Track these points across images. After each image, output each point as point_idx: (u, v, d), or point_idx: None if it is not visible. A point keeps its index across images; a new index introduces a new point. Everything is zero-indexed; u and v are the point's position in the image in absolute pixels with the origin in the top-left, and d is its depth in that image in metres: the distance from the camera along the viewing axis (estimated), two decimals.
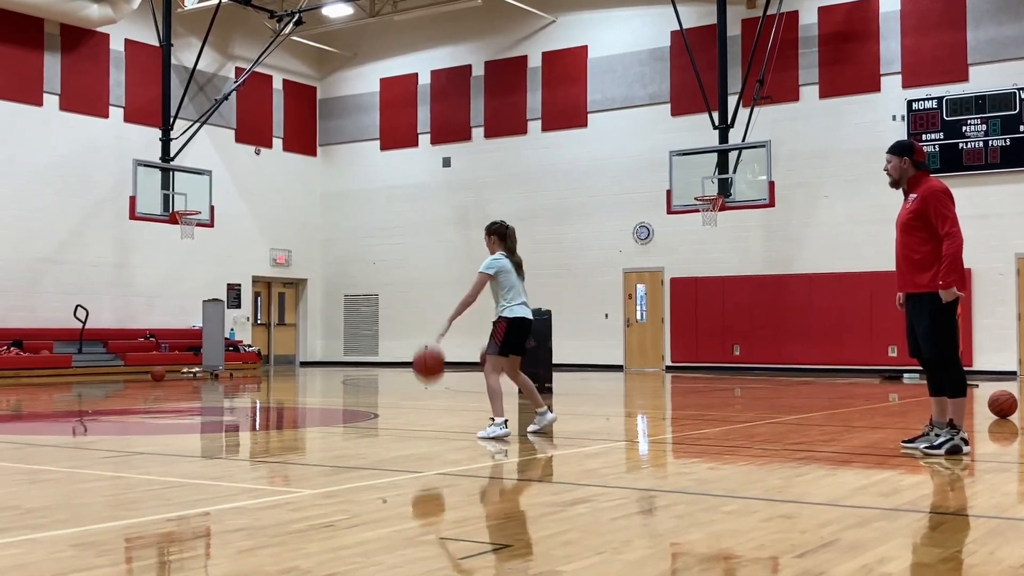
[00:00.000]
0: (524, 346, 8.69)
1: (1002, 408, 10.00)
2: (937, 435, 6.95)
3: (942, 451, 6.83)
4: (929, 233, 6.92)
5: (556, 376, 15.60)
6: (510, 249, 8.64)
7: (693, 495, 5.39)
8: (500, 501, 5.27)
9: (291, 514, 4.83)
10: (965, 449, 6.88)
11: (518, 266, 8.58)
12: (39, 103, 22.26)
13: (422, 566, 3.65)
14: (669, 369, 23.37)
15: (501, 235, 8.66)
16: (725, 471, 6.54)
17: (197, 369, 21.66)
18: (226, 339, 22.78)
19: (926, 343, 6.91)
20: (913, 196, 7.05)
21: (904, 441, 7.32)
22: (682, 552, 3.96)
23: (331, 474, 6.32)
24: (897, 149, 7.13)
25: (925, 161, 7.21)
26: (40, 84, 22.28)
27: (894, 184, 7.21)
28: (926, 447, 6.95)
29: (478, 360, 8.91)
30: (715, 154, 20.30)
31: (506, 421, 8.46)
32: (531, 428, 8.76)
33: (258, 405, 13.99)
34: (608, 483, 5.90)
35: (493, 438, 8.26)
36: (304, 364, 28.19)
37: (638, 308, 24.11)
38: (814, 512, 4.87)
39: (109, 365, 21.80)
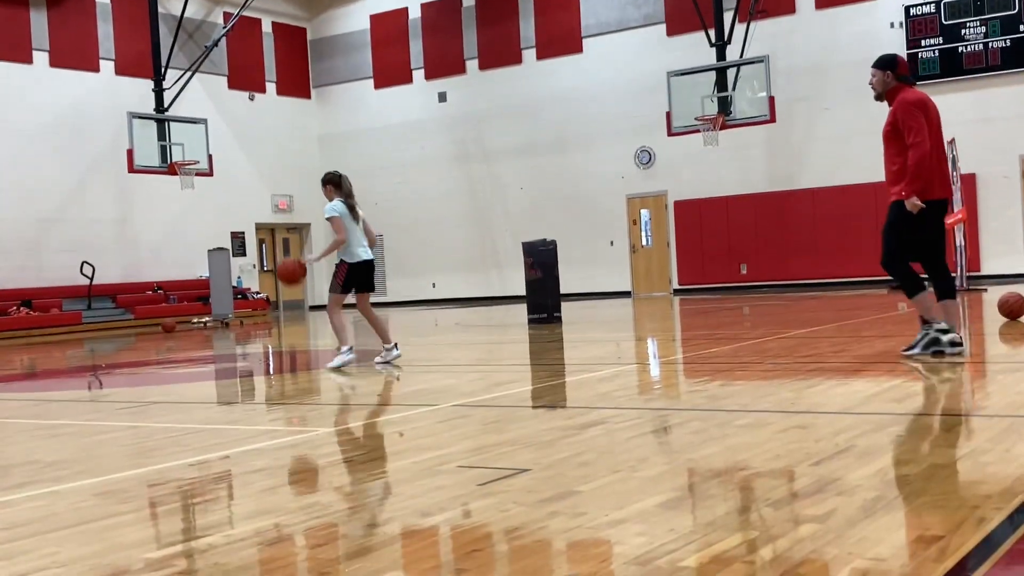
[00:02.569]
0: (371, 284, 9.40)
1: (1012, 309, 10.01)
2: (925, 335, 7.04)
3: (917, 349, 7.00)
4: (903, 144, 7.04)
5: (564, 305, 15.63)
6: (347, 194, 9.24)
7: (707, 411, 5.42)
8: (515, 428, 5.30)
9: (309, 452, 4.87)
10: (944, 339, 6.94)
11: (353, 210, 9.20)
12: (28, 60, 22.06)
13: (443, 494, 3.69)
14: (677, 292, 23.40)
15: (336, 184, 9.28)
16: (737, 387, 6.57)
17: (207, 319, 21.75)
18: (234, 287, 22.85)
19: (882, 245, 7.16)
20: (890, 109, 7.20)
21: (903, 350, 7.30)
22: (698, 467, 3.98)
23: (348, 412, 6.36)
24: (880, 63, 7.25)
25: (907, 74, 7.33)
26: (28, 41, 22.06)
27: (878, 97, 7.33)
28: (904, 350, 7.14)
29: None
30: (713, 73, 20.10)
31: (351, 348, 9.17)
32: (377, 360, 9.33)
33: (270, 350, 14.06)
34: (621, 405, 5.93)
35: (340, 366, 9.00)
36: (313, 308, 28.27)
37: (643, 233, 24.07)
38: (828, 421, 4.90)
39: (119, 319, 21.89)
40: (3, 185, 21.36)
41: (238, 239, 26.09)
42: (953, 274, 17.47)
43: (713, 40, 20.19)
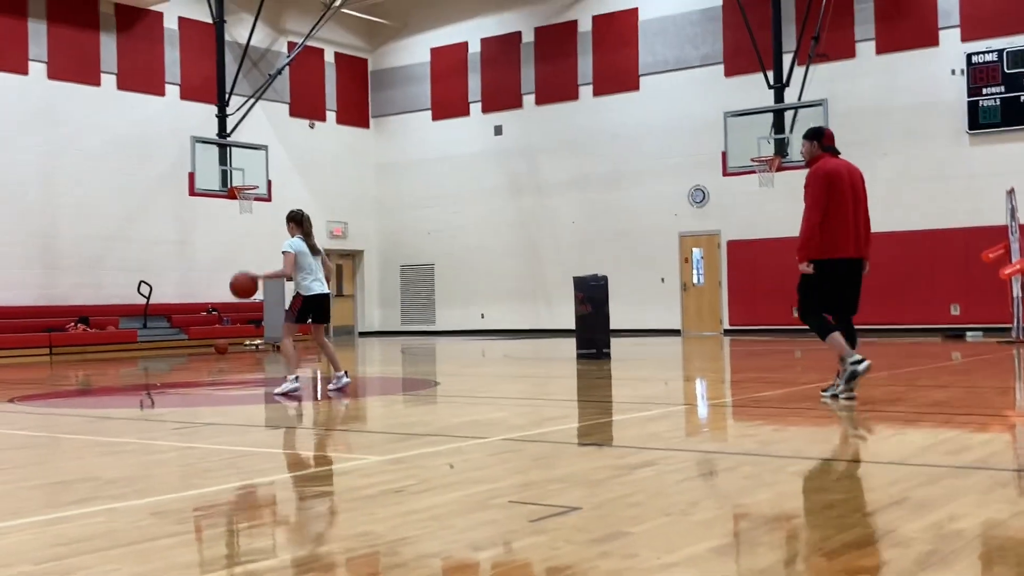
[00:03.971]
0: (326, 316, 10.15)
1: None
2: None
3: (842, 385, 7.72)
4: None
5: (613, 341, 15.61)
6: (307, 233, 10.01)
7: (758, 456, 5.39)
8: (565, 465, 5.32)
9: (361, 480, 4.92)
10: (860, 368, 7.63)
11: (313, 248, 9.97)
12: (97, 83, 22.59)
13: (494, 529, 3.71)
14: (727, 332, 23.26)
15: (298, 221, 10.06)
16: (789, 432, 6.53)
17: (259, 341, 22.01)
18: (286, 311, 23.06)
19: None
20: None
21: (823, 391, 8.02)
22: (750, 513, 3.98)
23: (398, 440, 6.42)
24: (808, 134, 8.12)
25: (832, 145, 8.05)
26: (97, 64, 22.61)
27: (806, 165, 8.09)
28: (826, 392, 7.89)
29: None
30: (771, 114, 20.06)
31: (297, 377, 9.80)
32: (330, 387, 10.06)
33: (318, 375, 14.19)
34: (671, 446, 5.92)
35: (286, 392, 9.58)
36: (363, 334, 28.48)
37: (695, 272, 23.99)
38: (881, 471, 4.86)
39: (173, 339, 22.21)
40: (66, 203, 21.84)
41: None
42: (1009, 325, 17.25)
43: (771, 82, 20.17)
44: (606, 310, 14.92)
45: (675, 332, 23.84)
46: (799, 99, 19.91)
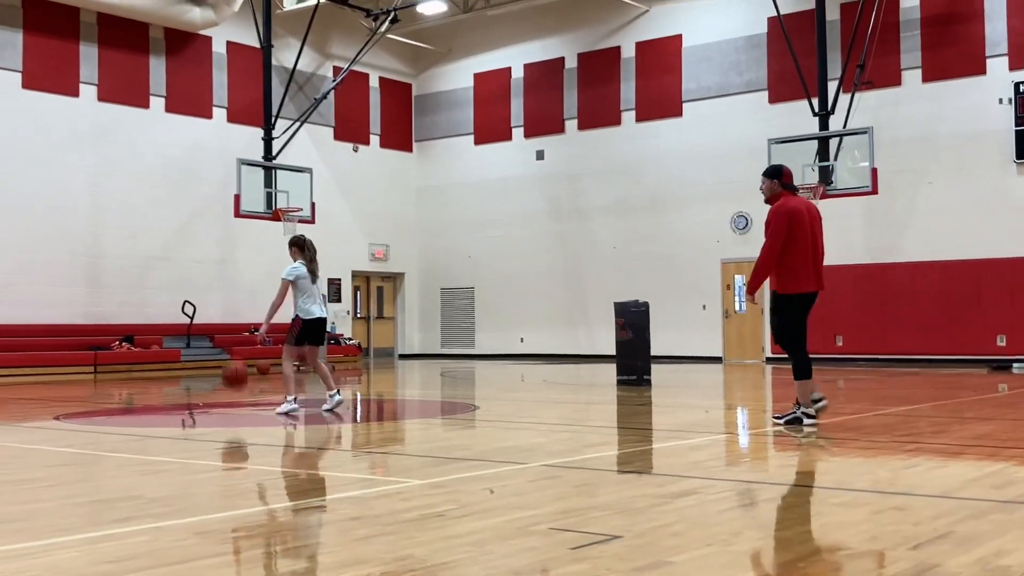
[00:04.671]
0: (321, 339, 10.57)
1: None
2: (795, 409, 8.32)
3: (782, 422, 8.26)
4: None
5: (654, 367, 15.54)
6: (309, 258, 10.28)
7: (801, 487, 5.35)
8: (606, 493, 5.30)
9: (402, 503, 4.94)
10: (806, 422, 8.18)
11: (314, 273, 10.31)
12: (146, 105, 22.96)
13: (534, 556, 3.71)
14: (769, 360, 23.08)
15: (300, 247, 10.37)
16: (833, 463, 6.46)
17: (300, 363, 22.11)
18: (328, 332, 23.22)
19: (773, 333, 8.49)
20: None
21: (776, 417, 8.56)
22: (793, 544, 3.94)
23: (438, 464, 6.43)
24: (767, 173, 8.54)
25: (791, 183, 8.54)
26: (147, 87, 22.98)
27: (767, 202, 8.48)
28: (775, 417, 8.53)
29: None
30: (815, 141, 19.95)
31: (295, 399, 10.11)
32: (324, 407, 10.30)
33: (359, 397, 14.25)
34: (713, 475, 5.89)
35: (285, 413, 9.90)
36: (403, 356, 28.57)
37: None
38: (926, 504, 4.80)
39: (216, 359, 22.38)
40: (113, 223, 22.15)
41: (334, 285, 26.58)
42: None
43: (816, 109, 20.07)
44: (647, 336, 14.87)
45: (716, 360, 23.69)
46: (844, 126, 19.78)
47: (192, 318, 22.44)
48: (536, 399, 13.01)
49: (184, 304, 22.43)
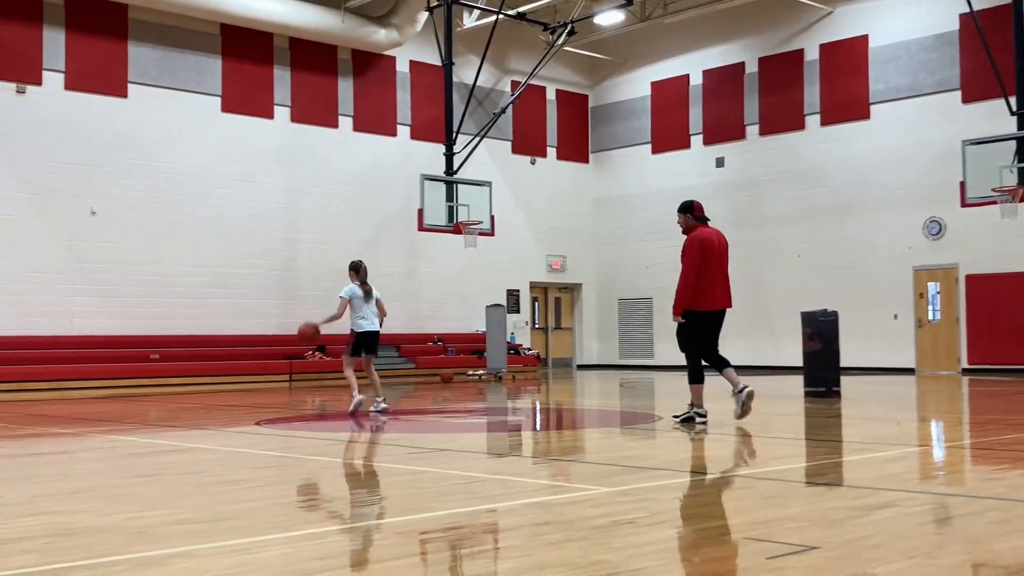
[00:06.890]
0: (374, 349, 12.02)
1: None
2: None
3: (678, 421, 9.63)
4: None
5: (844, 379, 15.07)
6: (362, 280, 11.90)
7: (1008, 501, 5.10)
8: (799, 504, 5.19)
9: (592, 510, 4.98)
10: (698, 420, 9.51)
11: (367, 293, 11.88)
12: (335, 125, 23.91)
13: (728, 564, 3.68)
14: (966, 372, 22.01)
15: (356, 270, 12.02)
16: None
17: (482, 371, 22.56)
18: (507, 343, 23.58)
19: (678, 341, 9.74)
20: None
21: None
22: (1002, 559, 3.77)
23: (624, 473, 6.44)
24: (680, 209, 9.84)
25: (703, 215, 9.80)
26: (335, 107, 23.94)
27: (684, 233, 9.77)
28: (674, 416, 9.91)
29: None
30: (1013, 142, 18.93)
31: (361, 400, 11.68)
32: (372, 409, 11.69)
33: (538, 406, 14.39)
34: (910, 488, 5.69)
35: (354, 409, 11.57)
36: (581, 367, 28.66)
37: (930, 307, 22.87)
38: None
39: (402, 368, 23.06)
40: (305, 239, 23.15)
41: (513, 296, 26.94)
42: None
43: (1014, 108, 19.04)
44: (836, 347, 14.43)
45: (908, 371, 22.77)
46: None
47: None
48: (721, 410, 12.82)
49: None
